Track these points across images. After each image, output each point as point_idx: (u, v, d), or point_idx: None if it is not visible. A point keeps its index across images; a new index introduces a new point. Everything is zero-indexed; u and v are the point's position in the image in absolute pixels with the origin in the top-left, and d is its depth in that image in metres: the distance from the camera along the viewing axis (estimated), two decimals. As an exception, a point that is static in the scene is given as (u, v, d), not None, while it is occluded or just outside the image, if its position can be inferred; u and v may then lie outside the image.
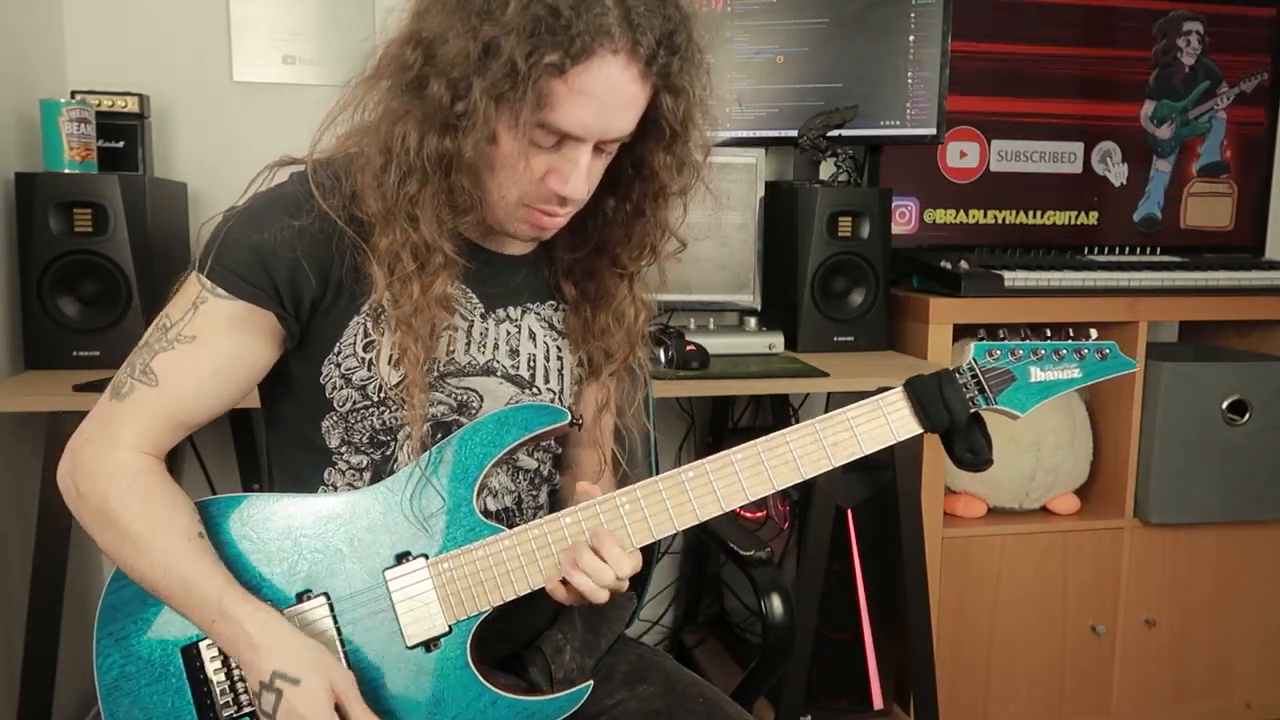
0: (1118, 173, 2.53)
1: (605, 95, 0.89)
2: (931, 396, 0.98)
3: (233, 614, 0.92)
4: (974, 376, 1.00)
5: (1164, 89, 2.53)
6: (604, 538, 0.96)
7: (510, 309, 1.07)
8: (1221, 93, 2.56)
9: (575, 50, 0.85)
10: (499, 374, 1.05)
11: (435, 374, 1.00)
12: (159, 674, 0.99)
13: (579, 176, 0.93)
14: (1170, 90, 2.53)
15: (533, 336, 1.08)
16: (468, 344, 1.03)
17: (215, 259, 0.95)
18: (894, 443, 1.00)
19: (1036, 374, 1.02)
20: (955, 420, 0.99)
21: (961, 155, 2.44)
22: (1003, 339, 1.03)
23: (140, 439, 0.97)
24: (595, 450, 1.19)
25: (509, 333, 1.06)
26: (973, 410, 1.00)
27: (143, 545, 0.94)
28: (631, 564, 0.97)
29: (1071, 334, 1.04)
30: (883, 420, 0.99)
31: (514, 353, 1.07)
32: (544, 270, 1.11)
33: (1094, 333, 1.04)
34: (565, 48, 0.85)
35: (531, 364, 1.08)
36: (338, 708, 0.91)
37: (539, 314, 1.10)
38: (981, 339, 1.03)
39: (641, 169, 1.01)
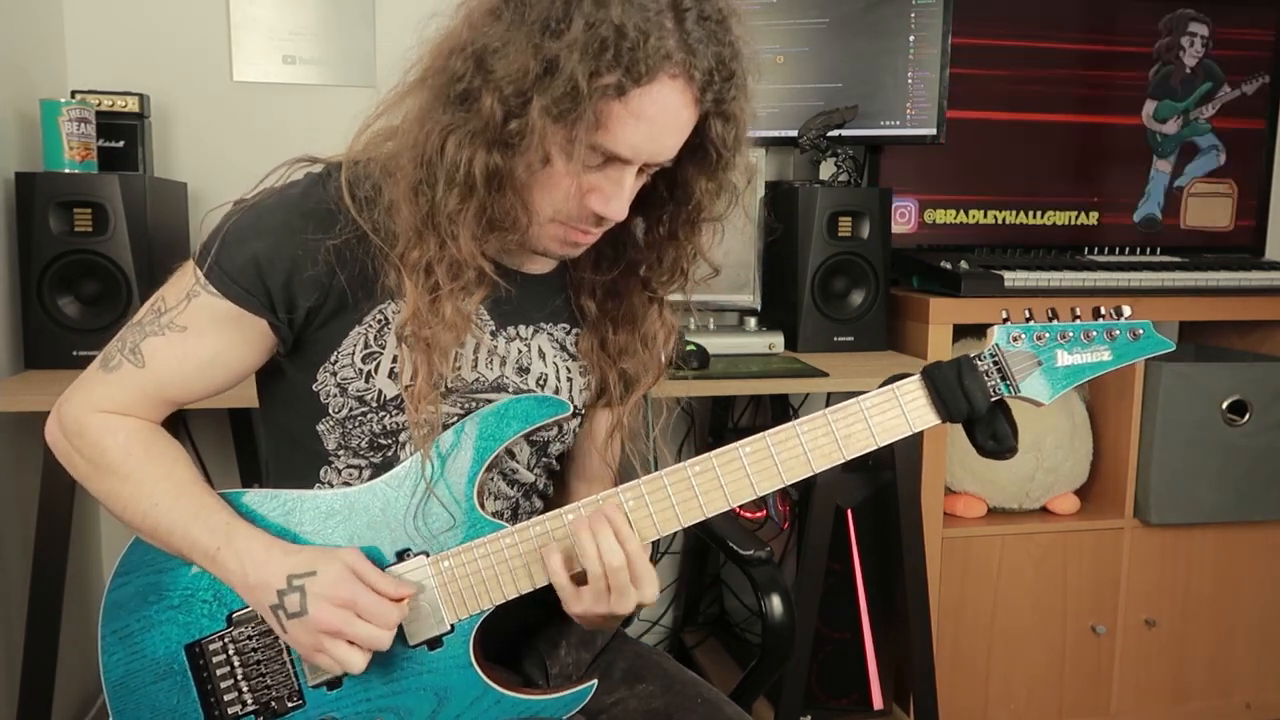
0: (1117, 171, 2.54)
1: (660, 119, 0.87)
2: (950, 385, 0.95)
3: (239, 539, 0.94)
4: (996, 363, 0.96)
5: (1164, 89, 2.53)
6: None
7: (521, 328, 1.05)
8: (1222, 95, 2.55)
9: (637, 73, 0.83)
10: (510, 390, 1.04)
11: (442, 390, 0.99)
12: (164, 671, 0.99)
13: (621, 198, 0.92)
14: (1170, 90, 2.53)
15: (542, 356, 1.06)
16: (475, 361, 1.02)
17: (214, 257, 0.94)
18: (910, 434, 0.96)
19: (1064, 357, 0.96)
20: (975, 410, 0.95)
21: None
22: (1029, 320, 0.96)
23: (125, 410, 0.99)
24: (597, 483, 1.18)
25: (519, 351, 1.05)
26: (995, 399, 0.96)
27: (145, 488, 0.96)
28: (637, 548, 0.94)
29: (1103, 312, 0.97)
30: (898, 410, 0.95)
31: (523, 370, 1.05)
32: (563, 290, 1.08)
33: (1127, 310, 0.97)
34: (628, 69, 0.83)
35: (542, 382, 1.06)
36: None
37: (551, 335, 1.07)
38: (1006, 320, 0.97)
39: (676, 191, 0.99)
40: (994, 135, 2.43)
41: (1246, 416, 2.17)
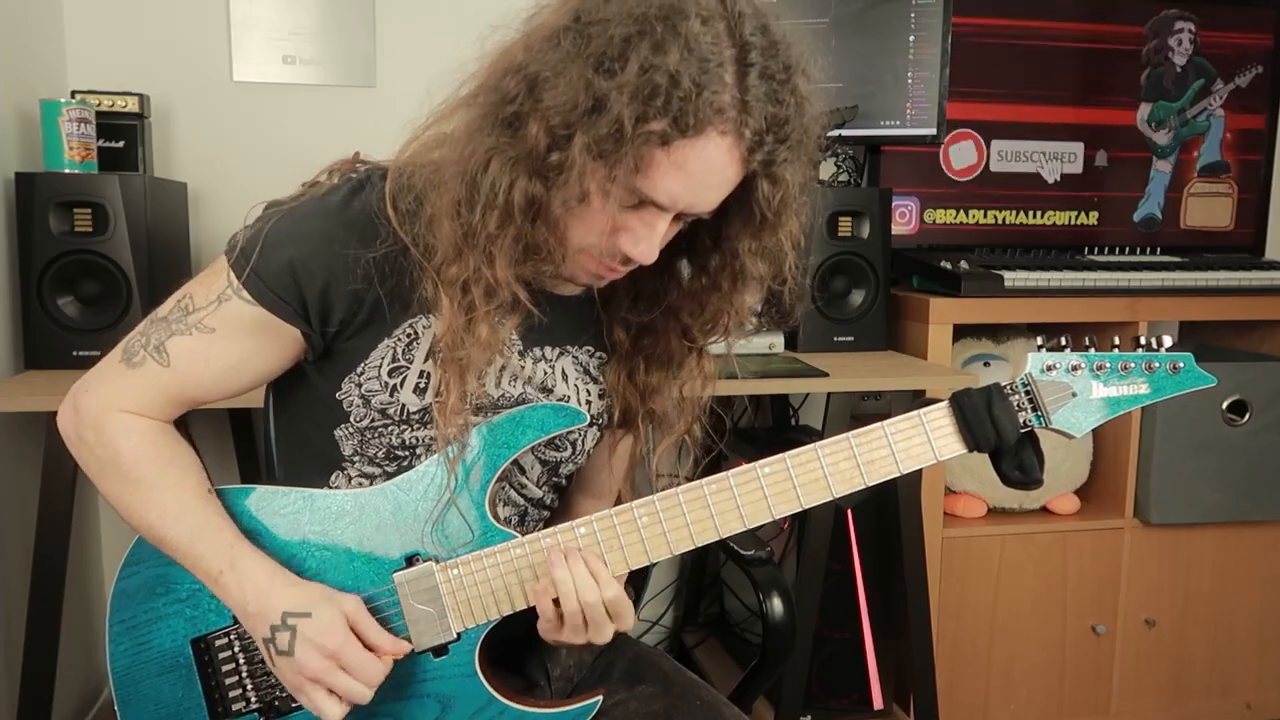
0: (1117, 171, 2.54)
1: (701, 174, 0.85)
2: (978, 414, 0.91)
3: (243, 565, 0.93)
4: (1028, 392, 0.92)
5: (1156, 91, 2.53)
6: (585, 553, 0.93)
7: (547, 349, 1.04)
8: (1217, 90, 2.55)
9: (685, 124, 0.81)
10: None
11: (470, 406, 0.97)
12: (169, 665, 0.99)
13: (652, 241, 0.89)
14: (1163, 92, 2.53)
15: (565, 377, 1.05)
16: (499, 379, 1.01)
17: (251, 263, 0.93)
18: (934, 463, 0.93)
19: (1099, 389, 0.92)
20: (1004, 441, 0.92)
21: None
22: (1064, 348, 0.93)
23: (143, 409, 0.98)
24: (601, 499, 1.17)
25: (544, 372, 1.04)
26: (1025, 430, 0.93)
27: (153, 497, 0.95)
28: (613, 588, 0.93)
29: (1143, 342, 0.94)
30: (924, 437, 0.93)
31: (546, 390, 1.04)
32: (593, 314, 1.06)
33: (1168, 340, 0.93)
34: (675, 119, 0.81)
35: (565, 403, 1.05)
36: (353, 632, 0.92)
37: (576, 358, 1.06)
38: (1040, 348, 0.94)
39: (721, 244, 0.97)
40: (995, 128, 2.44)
41: (1246, 416, 2.17)
